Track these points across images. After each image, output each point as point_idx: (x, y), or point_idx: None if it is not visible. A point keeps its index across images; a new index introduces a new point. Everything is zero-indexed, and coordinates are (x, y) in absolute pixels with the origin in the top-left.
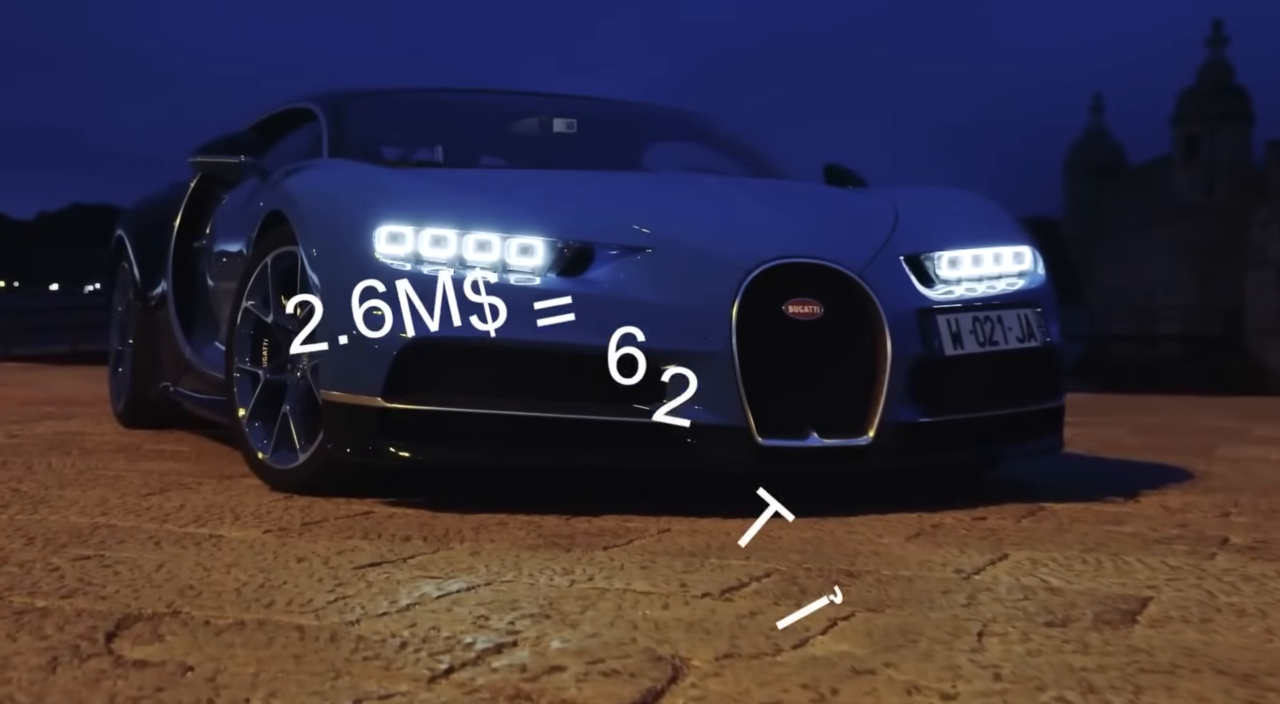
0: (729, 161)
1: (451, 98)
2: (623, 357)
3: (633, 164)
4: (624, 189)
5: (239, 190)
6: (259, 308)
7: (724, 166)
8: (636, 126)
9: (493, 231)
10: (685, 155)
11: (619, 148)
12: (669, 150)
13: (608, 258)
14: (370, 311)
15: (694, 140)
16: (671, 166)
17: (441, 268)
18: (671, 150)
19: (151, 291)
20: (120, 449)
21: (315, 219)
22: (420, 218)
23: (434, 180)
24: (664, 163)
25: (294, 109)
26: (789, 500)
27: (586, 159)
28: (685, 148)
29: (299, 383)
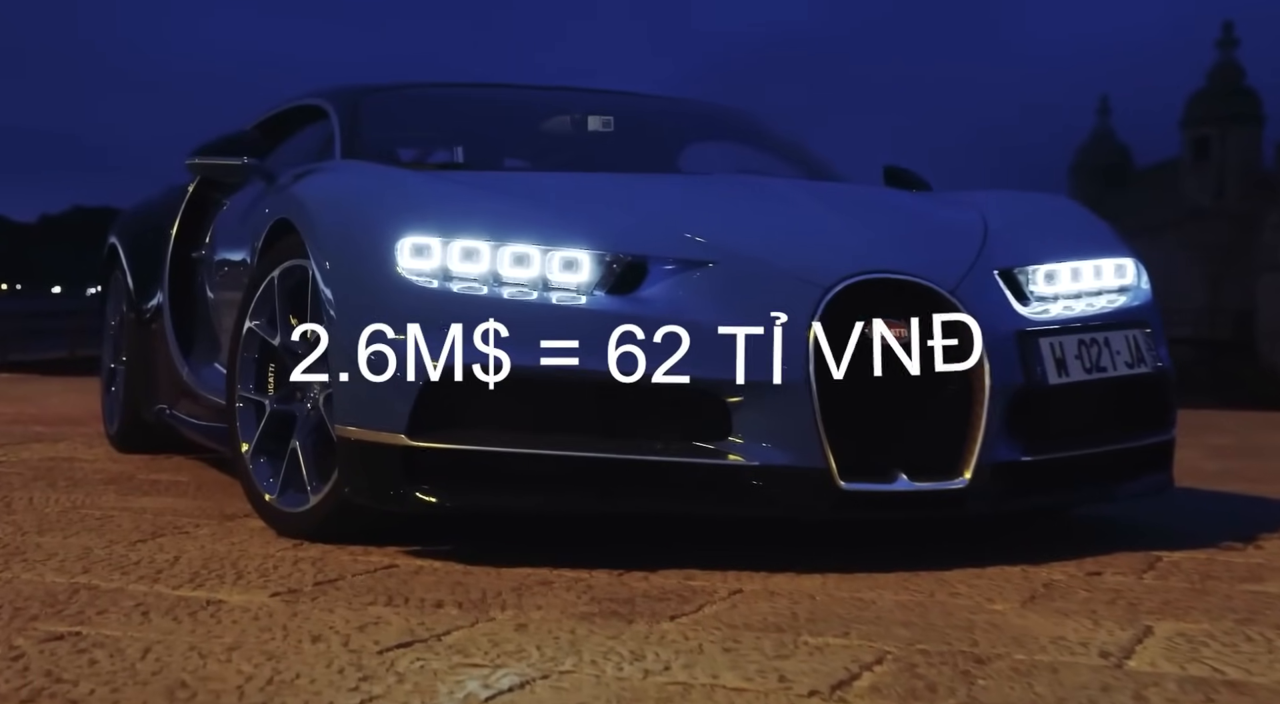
0: (781, 164)
1: (475, 93)
2: (681, 387)
3: (674, 166)
4: (679, 194)
5: (241, 195)
6: (264, 329)
7: (776, 170)
8: (677, 124)
9: (531, 243)
10: (731, 157)
11: (658, 148)
12: (712, 151)
13: (663, 273)
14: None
15: (740, 140)
16: (719, 169)
17: (473, 285)
18: (715, 151)
19: (146, 304)
20: (111, 480)
21: (329, 229)
22: (449, 228)
23: (463, 185)
24: (708, 165)
25: (302, 106)
26: (857, 544)
27: (624, 161)
28: (731, 148)
29: (310, 415)
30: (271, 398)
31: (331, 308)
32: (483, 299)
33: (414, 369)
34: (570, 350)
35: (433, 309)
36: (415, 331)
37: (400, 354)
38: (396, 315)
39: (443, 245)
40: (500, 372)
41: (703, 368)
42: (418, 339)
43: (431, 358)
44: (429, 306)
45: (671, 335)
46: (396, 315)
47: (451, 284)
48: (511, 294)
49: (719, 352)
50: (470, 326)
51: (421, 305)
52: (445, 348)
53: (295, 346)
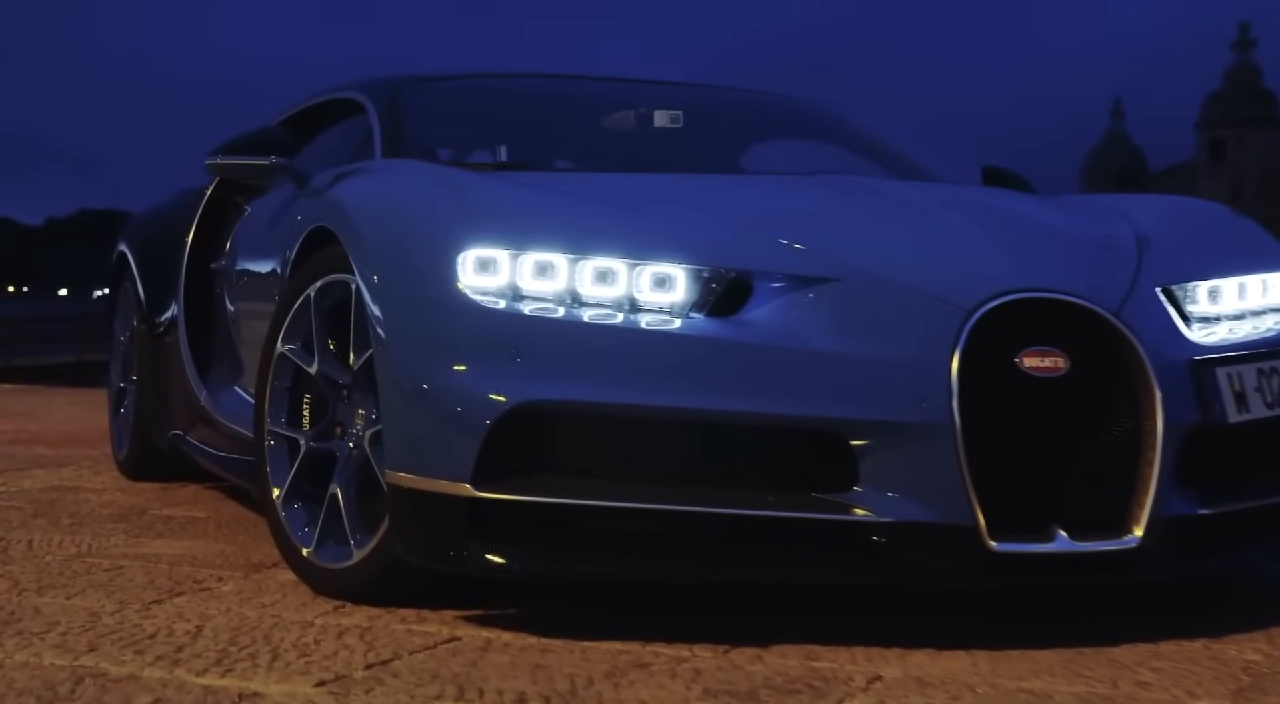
0: (873, 166)
1: (525, 85)
2: (796, 428)
3: (748, 167)
4: (783, 199)
5: (266, 200)
6: (299, 354)
7: (868, 172)
8: (748, 120)
9: (616, 256)
10: (815, 156)
11: (730, 147)
12: (791, 150)
13: (771, 292)
14: (453, 365)
15: (820, 136)
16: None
17: (547, 306)
18: (794, 150)
19: (159, 318)
20: (121, 516)
21: (377, 239)
22: (519, 238)
23: (534, 188)
24: (791, 165)
25: (333, 100)
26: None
27: (694, 162)
28: (812, 147)
29: (353, 455)
30: (307, 434)
31: (380, 331)
32: (558, 322)
33: (479, 406)
34: (663, 384)
35: (500, 334)
36: (480, 360)
37: (463, 387)
38: (457, 341)
39: (512, 259)
40: (581, 409)
41: (822, 405)
42: (483, 370)
43: (499, 392)
44: (496, 331)
45: (784, 366)
46: (457, 341)
47: (522, 304)
48: (593, 317)
49: (841, 385)
50: (544, 355)
51: (487, 329)
52: (515, 381)
53: (336, 375)
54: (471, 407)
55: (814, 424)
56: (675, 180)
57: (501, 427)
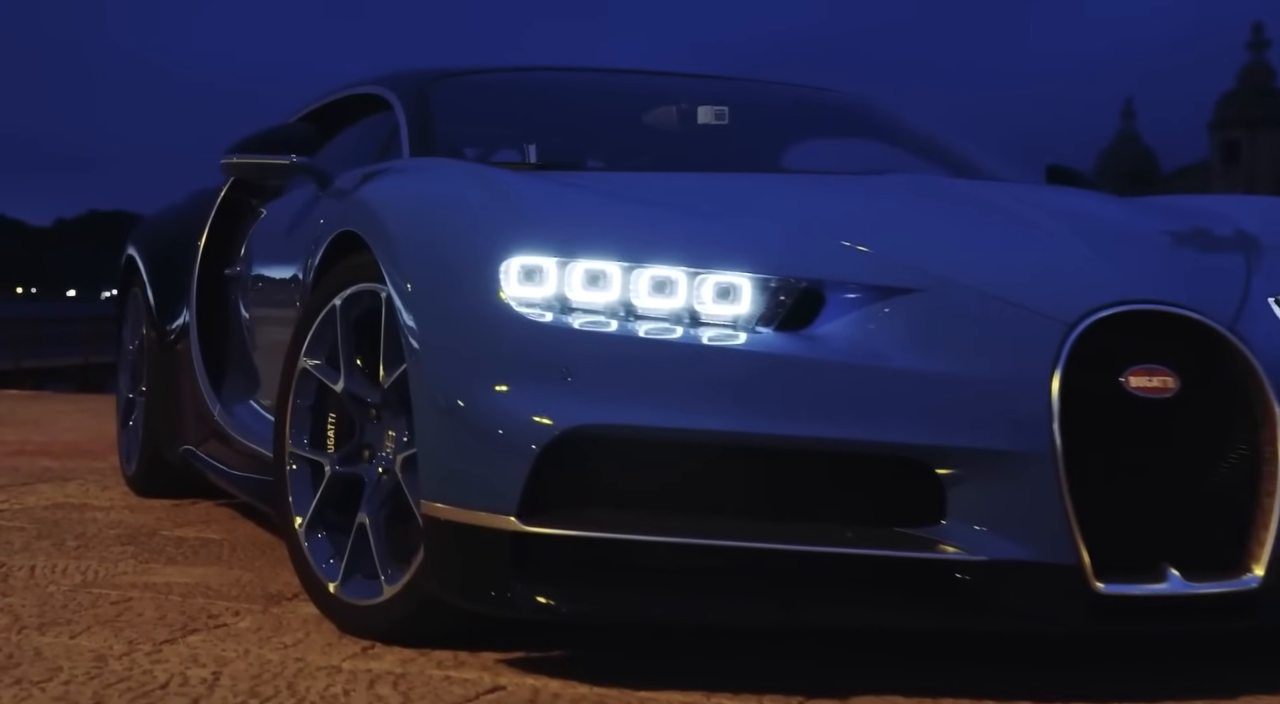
0: (932, 166)
1: (559, 79)
2: (877, 456)
3: (800, 167)
4: (854, 201)
5: (285, 202)
6: (323, 369)
7: (930, 172)
8: (794, 116)
9: (675, 264)
10: (866, 155)
11: (777, 144)
12: (842, 148)
13: (845, 304)
14: (495, 384)
15: (871, 134)
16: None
17: (599, 319)
18: (846, 148)
19: (170, 325)
20: (129, 537)
21: (411, 245)
22: (567, 244)
23: (583, 190)
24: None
25: (356, 96)
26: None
27: (740, 160)
28: (863, 145)
29: (382, 481)
30: (332, 457)
31: (414, 346)
32: (611, 337)
33: (525, 430)
34: (728, 406)
35: (547, 350)
36: (525, 379)
37: (507, 409)
38: (500, 357)
39: (560, 267)
40: (637, 435)
41: (904, 430)
42: (529, 390)
43: (548, 415)
44: (542, 347)
45: (861, 386)
46: (500, 357)
47: (571, 318)
48: (649, 331)
49: (926, 408)
50: (596, 374)
51: (533, 345)
52: (565, 402)
53: (364, 393)
54: (517, 431)
55: (896, 451)
56: (732, 180)
57: (550, 453)
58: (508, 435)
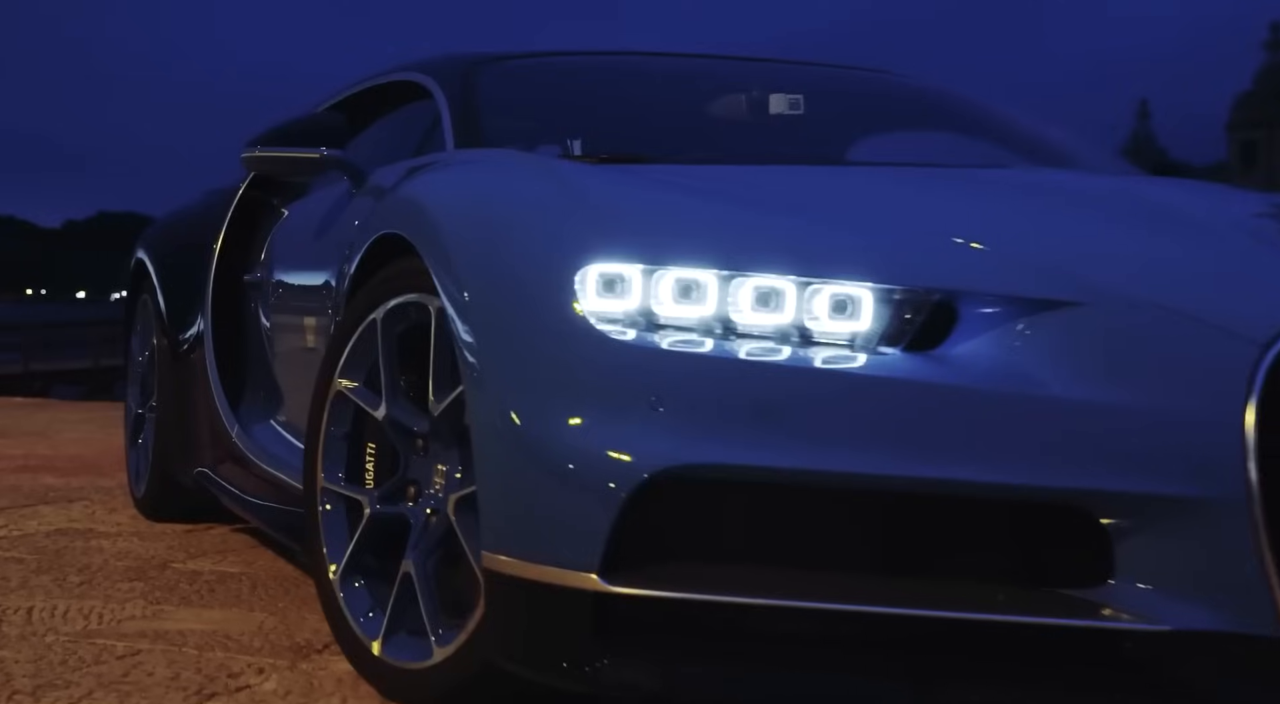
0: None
1: (614, 64)
2: (1028, 503)
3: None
4: (980, 199)
5: (311, 201)
6: (361, 393)
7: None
8: (868, 104)
9: (782, 273)
10: (958, 148)
11: (854, 136)
12: (933, 141)
13: (983, 320)
14: (572, 415)
15: (953, 123)
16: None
17: (691, 338)
18: (928, 140)
19: (182, 334)
20: (138, 571)
21: (470, 249)
22: (655, 249)
23: (668, 186)
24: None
25: (389, 84)
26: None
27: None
28: (946, 137)
29: (432, 524)
30: (372, 494)
31: (472, 367)
32: (708, 360)
33: (610, 471)
34: (848, 442)
35: (633, 374)
36: (608, 410)
37: (587, 446)
38: (577, 383)
39: (645, 276)
40: (744, 477)
41: (1063, 471)
42: (613, 422)
43: (636, 454)
44: (627, 370)
45: (1010, 418)
46: (577, 383)
47: (659, 336)
48: (752, 352)
49: (1089, 445)
50: (693, 404)
51: (615, 368)
52: (657, 438)
53: (410, 421)
54: (600, 472)
55: (1052, 497)
56: (830, 175)
57: (640, 499)
58: (588, 477)
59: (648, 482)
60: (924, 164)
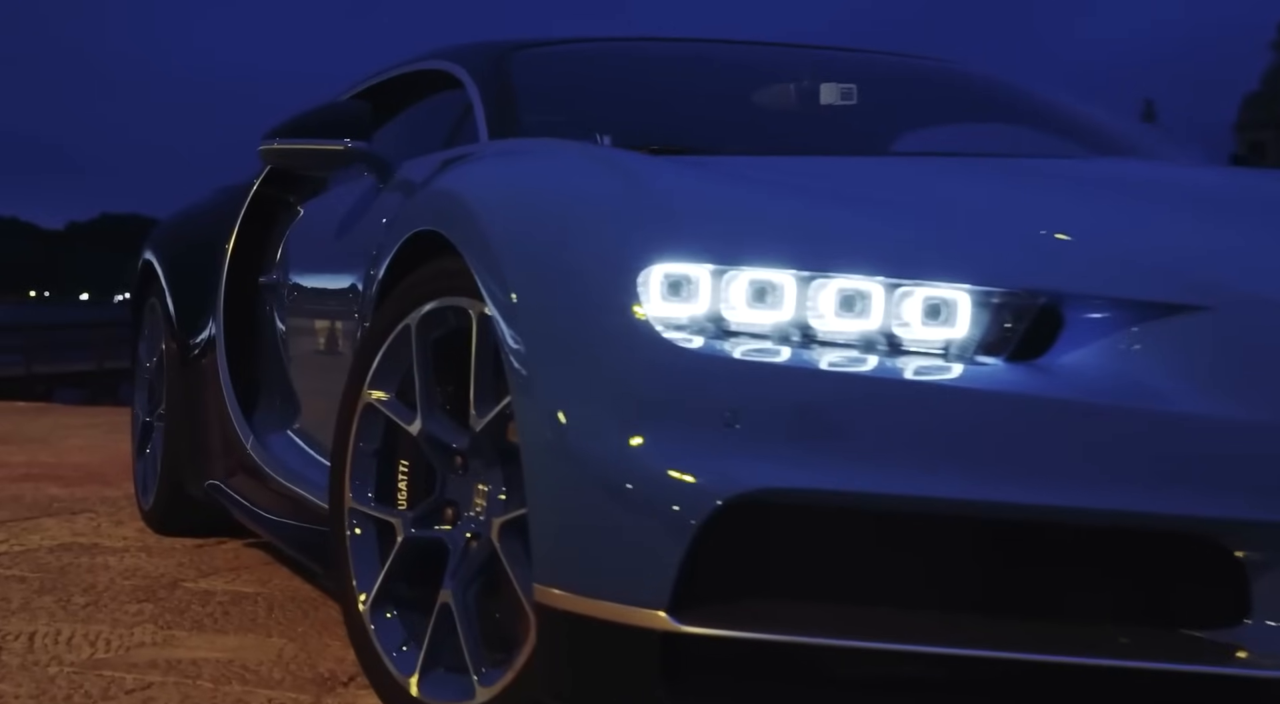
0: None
1: (652, 51)
2: (1149, 532)
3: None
4: (1074, 194)
5: (331, 198)
6: (393, 405)
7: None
8: (927, 96)
9: (867, 273)
10: (1017, 141)
11: (909, 126)
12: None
13: (1092, 327)
14: (634, 432)
15: (1013, 116)
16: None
17: (766, 346)
18: (986, 134)
19: (193, 339)
20: (147, 592)
21: (519, 247)
22: (725, 248)
23: (736, 179)
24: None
25: (413, 73)
26: None
27: (878, 143)
28: (1007, 130)
29: (473, 549)
30: (406, 516)
31: (523, 378)
32: (784, 371)
33: (680, 496)
34: (946, 464)
35: (704, 387)
36: (676, 427)
37: (652, 467)
38: (640, 396)
39: (715, 277)
40: (829, 503)
41: (1190, 496)
42: (682, 441)
43: (710, 477)
44: (696, 383)
45: (1128, 436)
46: (640, 396)
47: (730, 344)
48: (835, 362)
49: (1220, 466)
50: (769, 419)
51: (684, 380)
52: (732, 459)
53: (448, 436)
54: (668, 497)
55: (1179, 525)
56: (906, 167)
57: (714, 528)
58: (654, 502)
59: (722, 508)
60: (999, 155)
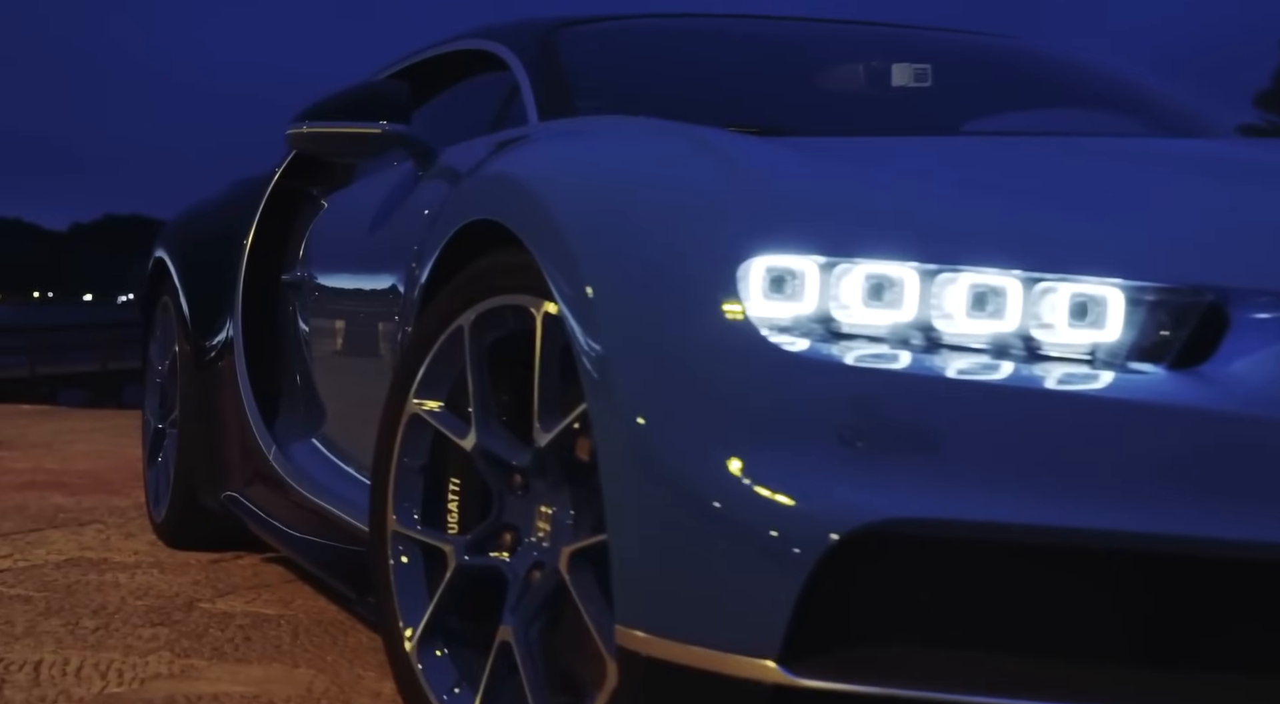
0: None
1: (706, 27)
2: None
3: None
4: (1223, 175)
5: (360, 188)
6: (443, 417)
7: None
8: (1007, 75)
9: (1002, 266)
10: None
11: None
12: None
13: (1261, 328)
14: (735, 452)
15: (1101, 98)
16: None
17: (884, 351)
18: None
19: (209, 341)
20: (161, 613)
21: (596, 238)
22: (837, 238)
23: (842, 159)
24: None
25: (451, 54)
26: None
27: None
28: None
29: (536, 581)
30: (458, 542)
31: (602, 388)
32: (907, 379)
33: (791, 527)
34: (1098, 489)
35: (814, 398)
36: (786, 446)
37: (758, 493)
38: (741, 408)
39: (824, 271)
40: (968, 536)
41: None
42: (792, 462)
43: (828, 505)
44: (806, 393)
45: None
46: (741, 408)
47: (842, 348)
48: (964, 370)
49: None
50: (893, 437)
51: (791, 390)
52: (852, 484)
53: (506, 453)
54: (778, 528)
55: None
56: (1028, 147)
57: (833, 566)
58: (762, 534)
59: (843, 543)
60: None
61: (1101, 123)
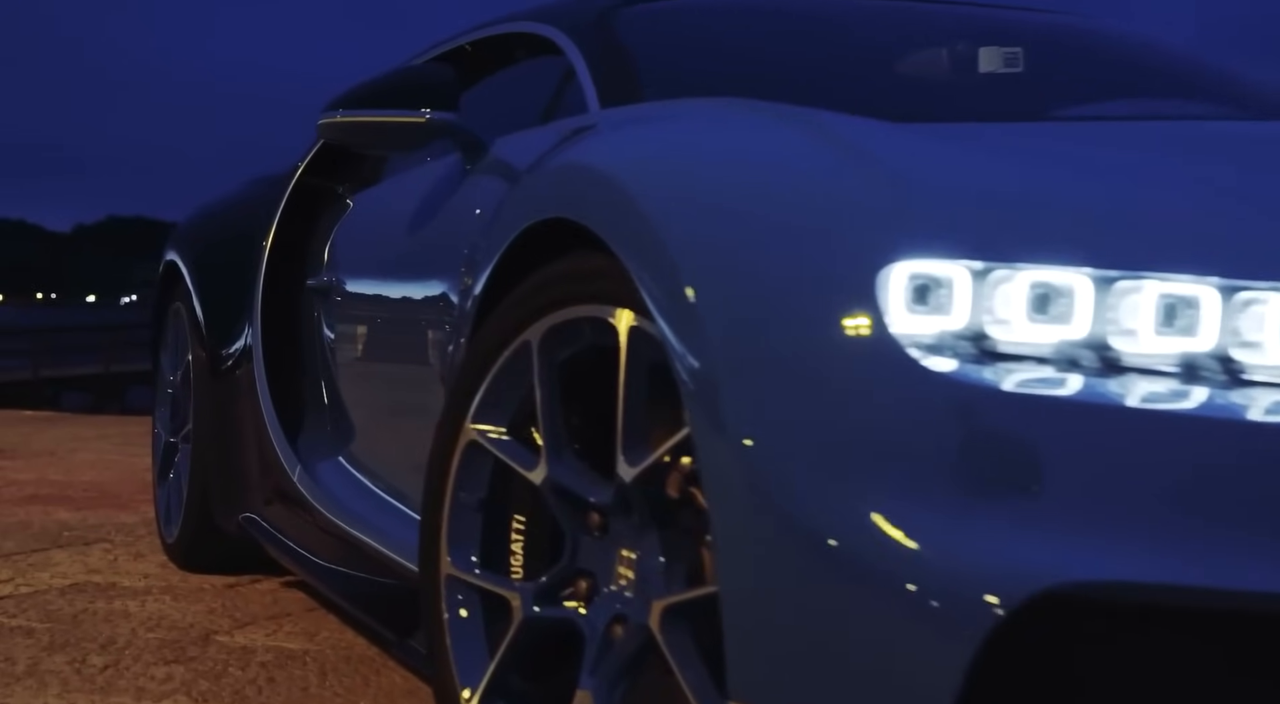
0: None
1: (769, 5)
2: None
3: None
4: None
5: (393, 185)
6: (506, 445)
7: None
8: (1091, 56)
9: (1195, 273)
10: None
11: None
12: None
13: None
14: (878, 496)
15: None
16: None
17: (1050, 374)
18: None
19: (226, 348)
20: (175, 650)
21: (699, 240)
22: (992, 239)
23: (989, 150)
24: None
25: (497, 37)
26: None
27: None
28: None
29: (619, 637)
30: (525, 589)
31: (711, 414)
32: (1078, 408)
33: (950, 589)
34: None
35: (965, 431)
36: (939, 488)
37: (908, 547)
38: (886, 445)
39: (978, 279)
40: (1166, 600)
41: None
42: (949, 511)
43: (993, 564)
44: (957, 424)
45: None
46: (886, 445)
47: (999, 371)
48: (1149, 397)
49: None
50: (1071, 481)
51: (942, 421)
52: (1022, 539)
53: (582, 489)
54: (937, 592)
55: None
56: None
57: (1008, 638)
58: (916, 598)
59: (1019, 610)
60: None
61: (1205, 107)
